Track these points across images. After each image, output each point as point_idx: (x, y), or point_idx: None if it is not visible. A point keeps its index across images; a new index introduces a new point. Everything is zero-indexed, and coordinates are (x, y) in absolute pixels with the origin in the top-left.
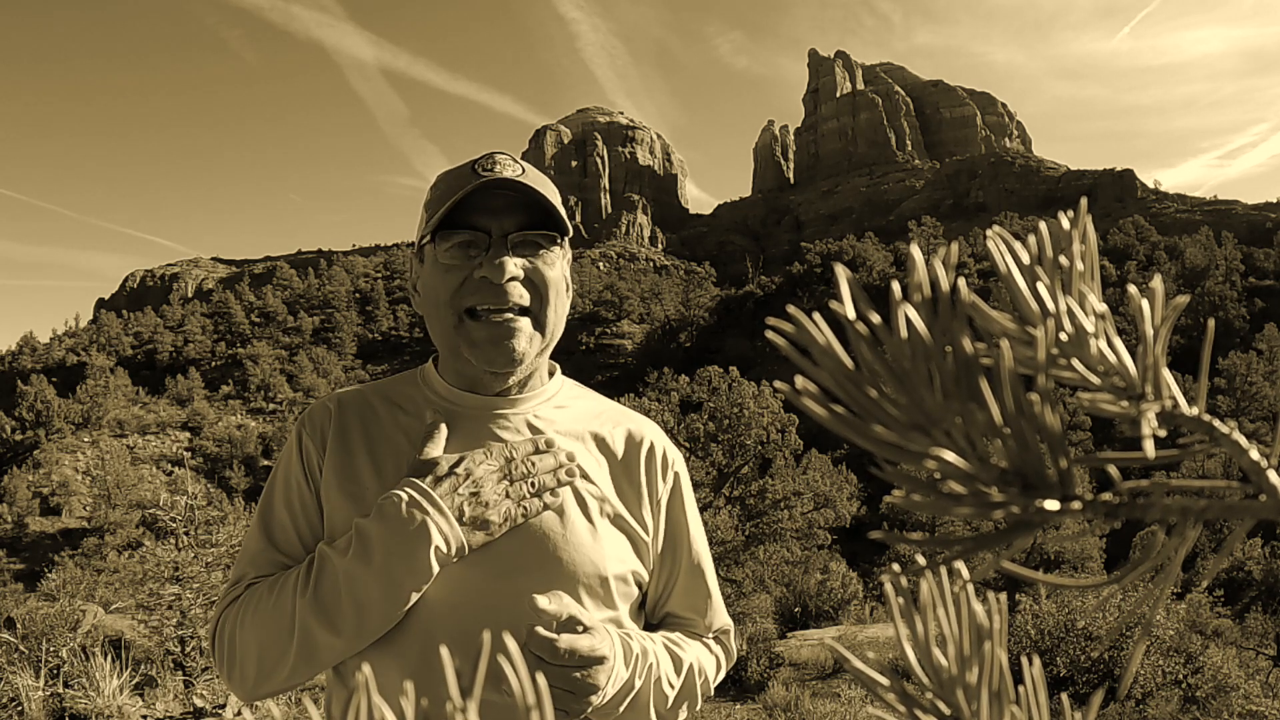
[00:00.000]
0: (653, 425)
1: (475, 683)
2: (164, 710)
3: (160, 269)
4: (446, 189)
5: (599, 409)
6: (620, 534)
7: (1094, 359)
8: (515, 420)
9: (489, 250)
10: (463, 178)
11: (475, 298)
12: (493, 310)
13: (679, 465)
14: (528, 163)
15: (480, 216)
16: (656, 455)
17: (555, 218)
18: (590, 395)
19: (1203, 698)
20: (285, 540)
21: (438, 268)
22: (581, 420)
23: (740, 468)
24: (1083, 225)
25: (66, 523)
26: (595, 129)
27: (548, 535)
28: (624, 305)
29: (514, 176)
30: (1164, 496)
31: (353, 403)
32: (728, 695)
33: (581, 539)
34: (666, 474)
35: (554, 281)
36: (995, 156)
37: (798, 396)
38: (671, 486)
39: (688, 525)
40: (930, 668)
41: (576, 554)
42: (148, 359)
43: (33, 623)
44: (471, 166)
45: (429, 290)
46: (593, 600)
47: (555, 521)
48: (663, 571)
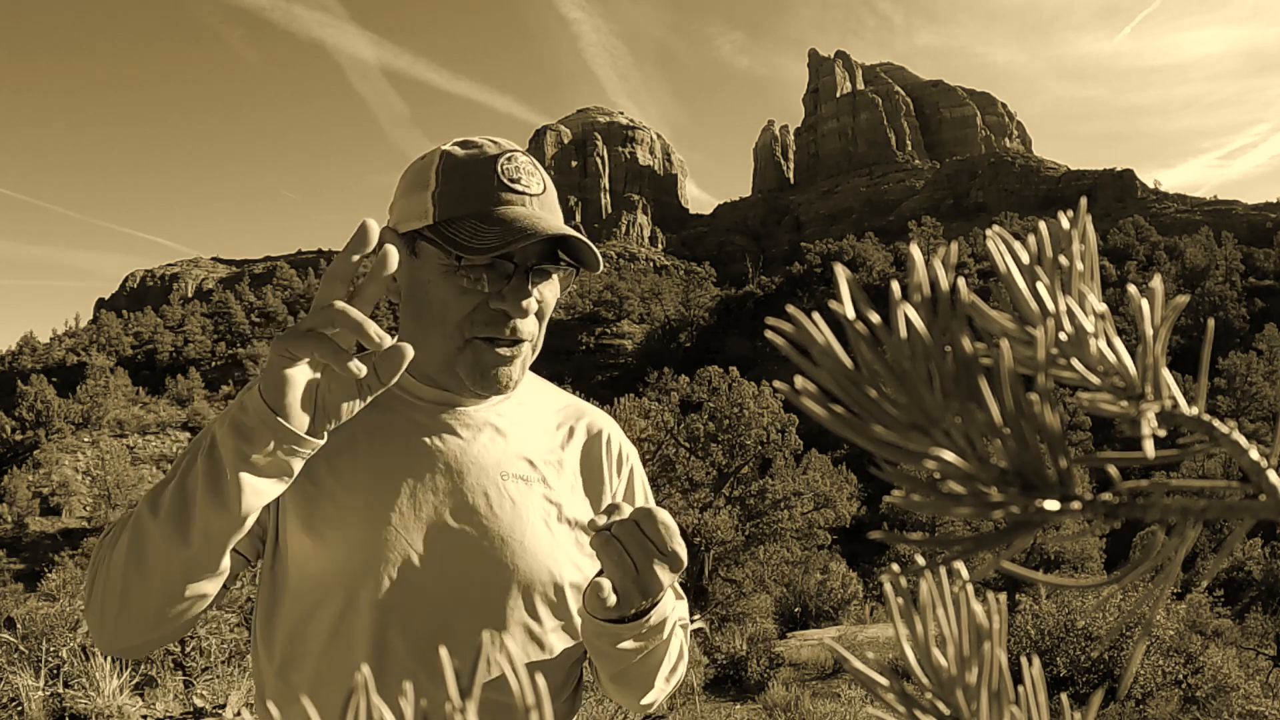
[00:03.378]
0: (608, 418)
1: (468, 687)
2: (164, 710)
3: (160, 269)
4: (474, 194)
5: (558, 403)
6: (580, 540)
7: (1094, 359)
8: (476, 418)
9: (510, 280)
10: (487, 186)
11: (489, 329)
12: (500, 342)
13: (634, 459)
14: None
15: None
16: (614, 450)
17: (575, 249)
18: (546, 387)
19: (1203, 698)
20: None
21: (451, 286)
22: (543, 418)
23: (740, 468)
24: (1082, 225)
25: (66, 523)
26: (595, 129)
27: (506, 540)
28: (624, 305)
29: (539, 194)
30: (1164, 496)
31: None
32: (728, 695)
33: (540, 545)
34: (622, 469)
35: (551, 305)
36: (995, 156)
37: (797, 396)
38: (627, 481)
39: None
40: (930, 668)
41: (534, 561)
42: (148, 359)
43: (33, 623)
44: (495, 170)
45: (433, 300)
46: (548, 608)
47: (514, 527)
48: None
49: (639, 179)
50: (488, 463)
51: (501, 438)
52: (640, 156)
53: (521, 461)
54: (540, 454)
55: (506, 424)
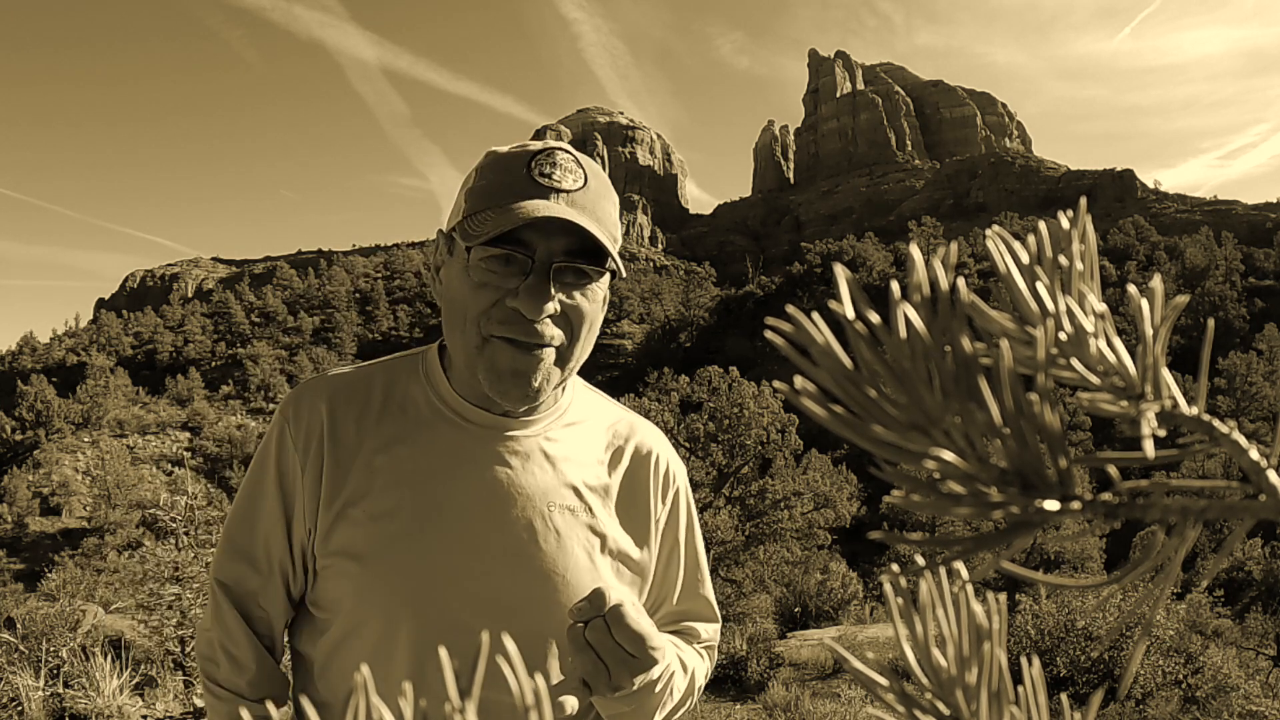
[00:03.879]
0: (659, 436)
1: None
2: (164, 710)
3: (160, 269)
4: (497, 186)
5: (609, 419)
6: (621, 570)
7: (1094, 359)
8: (527, 444)
9: (529, 276)
10: (516, 180)
11: (505, 328)
12: (519, 344)
13: (681, 479)
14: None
15: (526, 230)
16: (661, 471)
17: (606, 249)
18: (600, 403)
19: (1203, 698)
20: (252, 560)
21: (468, 278)
22: (594, 441)
23: (740, 468)
24: (1082, 225)
25: (66, 523)
26: (595, 129)
27: (549, 575)
28: (624, 305)
29: (573, 190)
30: (1164, 496)
31: (346, 396)
32: (728, 695)
33: (582, 579)
34: (668, 492)
35: (590, 315)
36: (995, 156)
37: (797, 397)
38: (671, 506)
39: (686, 544)
40: (929, 668)
41: (576, 595)
42: (148, 359)
43: (33, 623)
44: (528, 165)
45: (455, 296)
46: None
47: (557, 561)
48: (659, 587)
49: (639, 179)
50: (535, 493)
51: (550, 466)
52: (640, 156)
53: (569, 491)
54: (587, 481)
55: (556, 450)
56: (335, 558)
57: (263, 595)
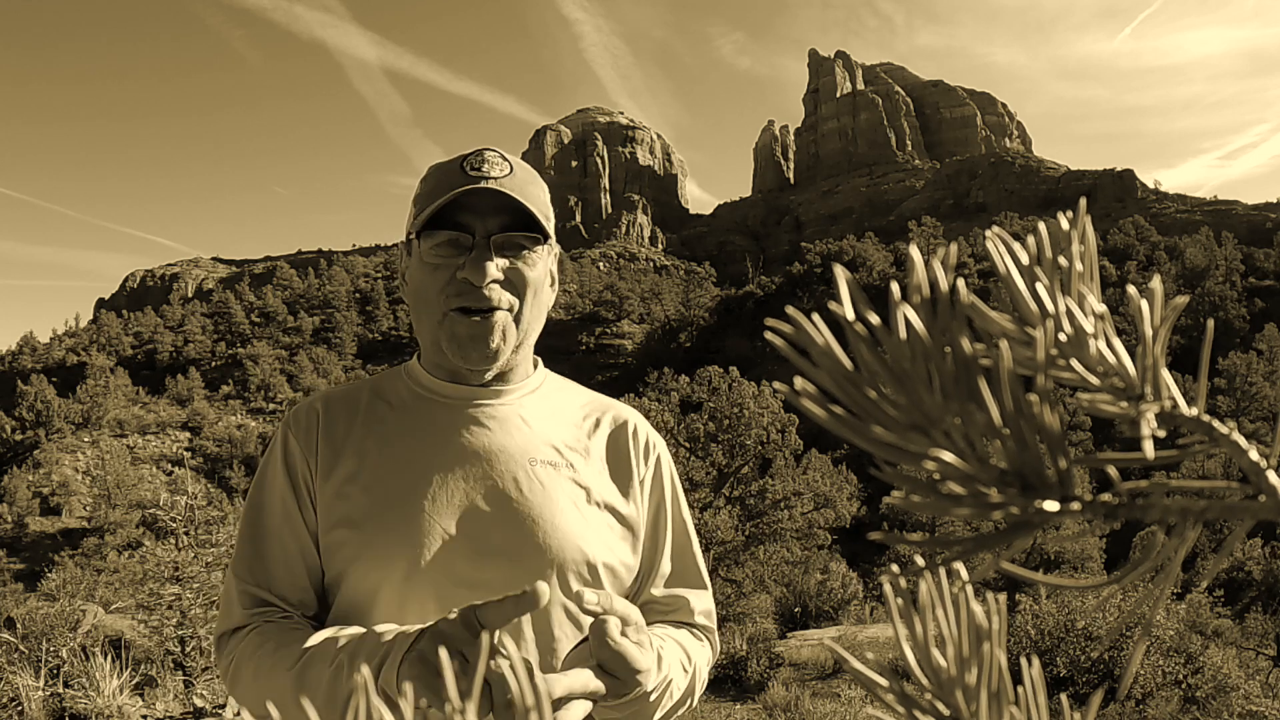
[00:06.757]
0: (634, 411)
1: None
2: (164, 710)
3: (160, 269)
4: (435, 186)
5: (583, 399)
6: (610, 524)
7: (1093, 359)
8: (502, 411)
9: (473, 251)
10: (451, 176)
11: (459, 299)
12: (474, 310)
13: (661, 448)
14: (523, 160)
15: (466, 215)
16: (640, 439)
17: (538, 220)
18: (573, 387)
19: (1203, 698)
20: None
21: (424, 265)
22: (568, 410)
23: (740, 468)
24: (1082, 225)
25: (66, 523)
26: (595, 129)
27: (537, 521)
28: (624, 305)
29: (500, 176)
30: (1164, 497)
31: (340, 400)
32: (727, 695)
33: (571, 526)
34: (649, 457)
35: (534, 281)
36: (995, 157)
37: (797, 397)
38: (654, 469)
39: (672, 505)
40: (929, 668)
41: (565, 540)
42: (148, 359)
43: (33, 623)
44: (460, 164)
45: (416, 285)
46: (582, 586)
47: (544, 509)
48: (650, 551)
49: (639, 179)
50: (515, 450)
51: (527, 427)
52: (640, 156)
53: (549, 448)
54: (567, 442)
55: (531, 415)
56: (335, 530)
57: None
